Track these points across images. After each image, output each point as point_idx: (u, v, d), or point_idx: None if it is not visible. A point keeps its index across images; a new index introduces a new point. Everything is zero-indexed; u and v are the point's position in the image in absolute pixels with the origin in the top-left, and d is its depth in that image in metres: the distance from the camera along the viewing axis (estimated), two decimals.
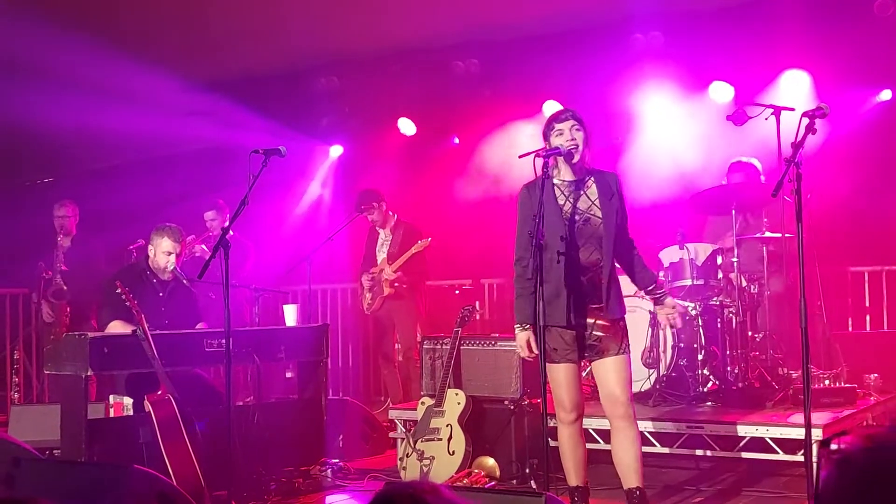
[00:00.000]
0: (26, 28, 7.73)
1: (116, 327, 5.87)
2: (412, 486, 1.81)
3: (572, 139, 4.49)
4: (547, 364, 4.44)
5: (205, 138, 9.72)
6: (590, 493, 4.68)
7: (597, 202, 4.51)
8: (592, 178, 4.57)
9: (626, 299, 4.72)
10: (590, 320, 4.51)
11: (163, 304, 6.18)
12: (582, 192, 4.55)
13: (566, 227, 4.49)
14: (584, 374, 5.41)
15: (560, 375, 4.57)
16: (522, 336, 4.59)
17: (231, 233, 7.96)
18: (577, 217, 4.51)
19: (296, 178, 10.21)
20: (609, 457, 4.66)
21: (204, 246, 7.94)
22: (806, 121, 3.88)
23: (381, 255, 8.15)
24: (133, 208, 9.15)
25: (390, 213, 8.19)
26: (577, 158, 4.50)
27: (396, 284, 7.97)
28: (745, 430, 5.54)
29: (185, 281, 6.17)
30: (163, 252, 6.15)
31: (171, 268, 6.13)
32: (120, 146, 9.92)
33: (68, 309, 8.02)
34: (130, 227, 7.85)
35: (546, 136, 4.57)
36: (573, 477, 4.63)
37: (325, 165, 10.53)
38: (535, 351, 4.50)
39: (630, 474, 4.52)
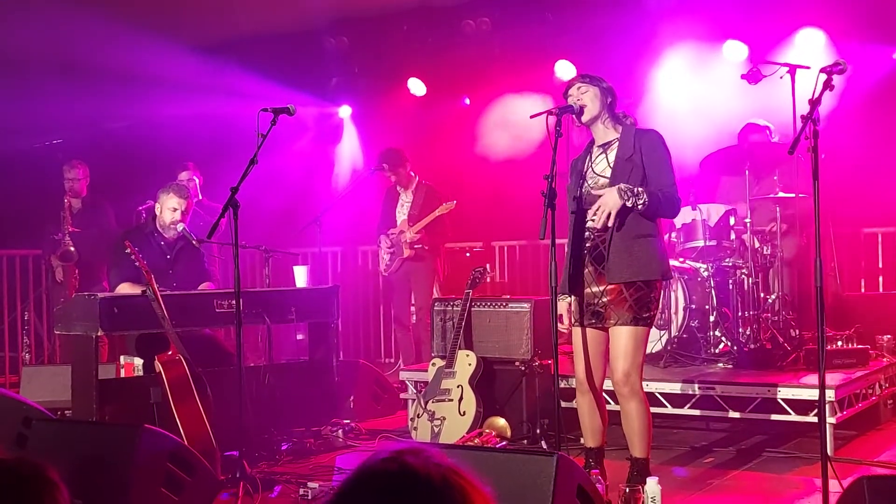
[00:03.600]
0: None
1: (125, 289, 5.87)
2: (396, 450, 1.59)
3: (579, 98, 4.44)
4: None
5: (213, 99, 9.66)
6: (605, 453, 4.66)
7: (612, 163, 4.42)
8: (618, 139, 4.46)
9: None
10: (599, 287, 4.41)
11: (170, 265, 6.19)
12: (604, 154, 4.48)
13: (581, 190, 4.46)
14: None
15: (574, 341, 4.56)
16: (559, 307, 4.53)
17: (199, 197, 8.02)
18: (589, 180, 4.47)
19: (304, 138, 10.15)
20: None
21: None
22: (824, 77, 3.80)
23: (401, 217, 7.99)
24: (143, 171, 9.13)
25: (412, 174, 8.03)
26: (586, 117, 4.45)
27: (417, 246, 7.87)
28: (757, 391, 5.52)
29: (194, 241, 6.15)
30: (168, 209, 6.17)
31: (181, 228, 6.13)
32: (127, 109, 9.87)
33: (77, 271, 8.00)
34: (141, 189, 7.82)
35: None
36: (588, 440, 4.62)
37: (335, 126, 10.46)
38: (566, 323, 4.50)
39: (631, 444, 4.49)
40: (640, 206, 4.24)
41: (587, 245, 4.45)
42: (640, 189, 4.25)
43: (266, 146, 4.83)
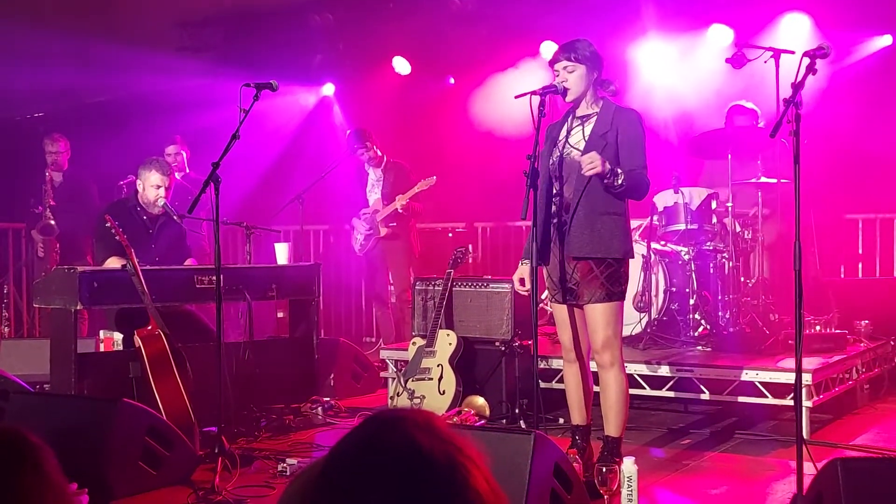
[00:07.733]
0: None
1: (112, 263, 5.82)
2: (401, 418, 1.44)
3: (564, 80, 4.44)
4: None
5: (196, 73, 9.59)
6: (591, 432, 4.69)
7: (587, 138, 4.43)
8: (597, 114, 4.47)
9: None
10: (570, 264, 4.45)
11: (152, 240, 6.16)
12: (581, 127, 4.49)
13: (555, 163, 4.47)
14: None
15: (557, 315, 4.63)
16: (518, 270, 4.68)
17: (186, 171, 7.99)
18: (564, 153, 4.48)
19: (287, 114, 10.09)
20: None
21: (177, 174, 7.83)
22: (807, 61, 3.79)
23: (374, 196, 7.99)
24: (125, 144, 9.06)
25: (379, 153, 7.99)
26: (570, 97, 4.45)
27: (392, 226, 7.83)
28: (736, 374, 5.55)
29: (175, 217, 6.12)
30: (151, 186, 6.11)
31: (161, 203, 6.09)
32: (111, 82, 9.79)
33: (58, 245, 7.95)
34: (122, 163, 7.76)
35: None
36: (575, 415, 4.65)
37: (318, 103, 10.40)
38: (527, 286, 4.56)
39: (606, 420, 4.53)
40: (617, 184, 4.25)
41: (554, 221, 4.47)
42: (620, 171, 4.27)
43: (249, 121, 4.80)
